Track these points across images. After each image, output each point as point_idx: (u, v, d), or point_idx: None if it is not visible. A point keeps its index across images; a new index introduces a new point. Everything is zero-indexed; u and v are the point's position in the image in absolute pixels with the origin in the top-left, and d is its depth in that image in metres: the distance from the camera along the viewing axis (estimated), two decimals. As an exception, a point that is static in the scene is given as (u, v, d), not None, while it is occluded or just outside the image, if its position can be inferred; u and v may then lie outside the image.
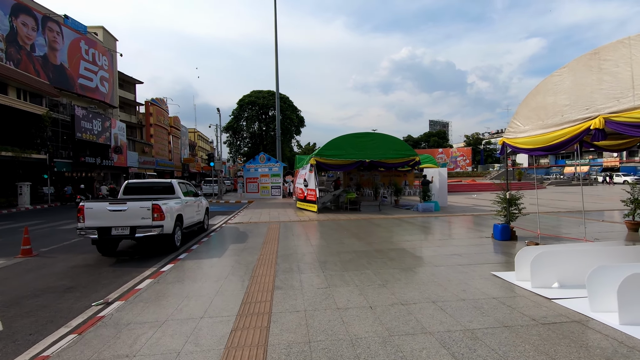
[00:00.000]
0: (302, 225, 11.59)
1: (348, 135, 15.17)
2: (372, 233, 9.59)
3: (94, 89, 35.76)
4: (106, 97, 38.06)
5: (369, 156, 14.98)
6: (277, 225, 11.65)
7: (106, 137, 35.52)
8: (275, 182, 27.34)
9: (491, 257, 6.47)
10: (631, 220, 8.84)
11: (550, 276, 4.67)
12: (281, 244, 8.26)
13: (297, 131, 41.46)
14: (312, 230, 10.47)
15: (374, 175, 31.88)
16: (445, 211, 14.82)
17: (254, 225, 11.83)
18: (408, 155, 15.37)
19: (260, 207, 19.34)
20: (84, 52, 34.26)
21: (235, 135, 40.62)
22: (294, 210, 16.75)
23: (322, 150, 14.82)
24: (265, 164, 27.62)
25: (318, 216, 13.84)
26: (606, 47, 5.56)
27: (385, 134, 15.45)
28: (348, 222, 12.13)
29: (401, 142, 15.55)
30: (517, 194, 8.19)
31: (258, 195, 27.65)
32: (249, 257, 6.87)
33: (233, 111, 40.48)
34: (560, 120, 6.41)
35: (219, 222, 13.26)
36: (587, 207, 15.43)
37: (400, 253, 6.95)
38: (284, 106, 38.03)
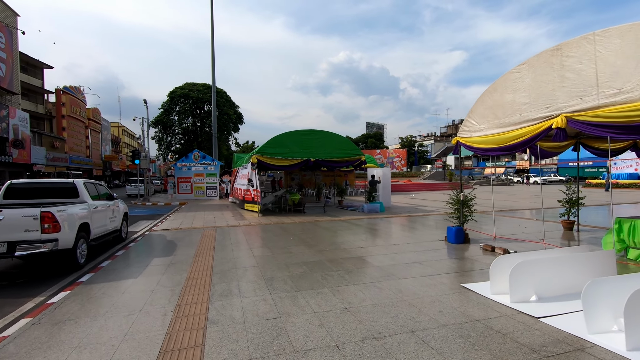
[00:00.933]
0: (242, 230, 10.33)
1: (293, 132, 14.19)
2: (321, 238, 8.73)
3: (-15, 70, 29.88)
4: (2, 81, 32.11)
5: (314, 155, 14.16)
6: (212, 231, 10.23)
7: (2, 129, 29.92)
8: (211, 182, 25.29)
9: (454, 265, 5.98)
10: (567, 220, 9.19)
11: (528, 289, 4.20)
12: (217, 255, 6.98)
13: (235, 128, 39.12)
14: (255, 236, 9.29)
15: (316, 175, 31.38)
16: (390, 212, 14.60)
17: (185, 232, 10.26)
18: (354, 155, 14.88)
19: (194, 209, 17.44)
20: (-29, 25, 28.40)
21: (165, 130, 36.95)
22: (232, 212, 15.28)
23: (264, 148, 13.63)
24: (199, 163, 25.39)
25: (260, 219, 12.63)
26: (569, 44, 5.35)
27: (331, 132, 14.79)
28: (293, 225, 11.14)
29: (347, 141, 15.01)
30: (469, 194, 7.95)
31: (191, 197, 25.32)
32: (176, 277, 5.53)
33: (163, 104, 36.78)
34: (519, 119, 6.17)
35: (142, 229, 11.36)
36: (519, 205, 16.40)
37: (356, 263, 6.16)
38: (220, 101, 35.63)
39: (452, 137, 57.74)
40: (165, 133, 37.03)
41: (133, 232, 10.50)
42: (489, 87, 6.90)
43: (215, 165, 25.29)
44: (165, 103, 36.43)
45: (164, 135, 36.99)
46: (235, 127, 39.05)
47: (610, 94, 4.72)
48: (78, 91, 48.69)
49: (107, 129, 66.78)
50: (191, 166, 25.54)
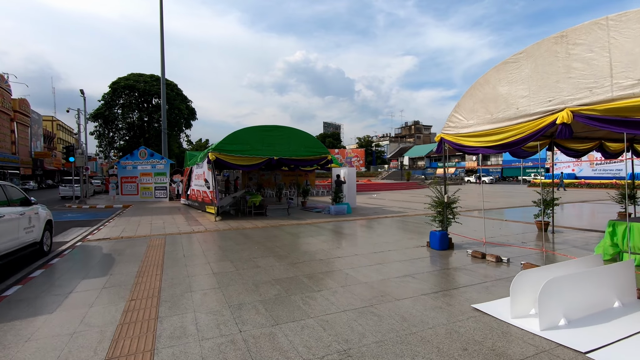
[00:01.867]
0: (197, 238, 8.95)
1: (254, 127, 12.93)
2: (291, 247, 7.67)
3: None
4: None
5: (278, 153, 13.02)
6: (161, 240, 8.74)
7: None
8: (161, 182, 23.05)
9: (449, 278, 5.26)
10: (541, 221, 9.00)
11: (557, 311, 3.52)
12: (167, 273, 5.67)
13: (187, 124, 36.35)
14: (213, 246, 7.99)
15: (275, 175, 30.13)
16: (358, 214, 13.89)
17: (128, 242, 8.66)
18: (320, 153, 13.97)
19: (140, 213, 15.46)
20: None
21: (106, 125, 33.27)
22: (185, 216, 13.65)
23: (222, 145, 12.24)
24: (147, 161, 23.03)
25: (217, 224, 11.24)
26: (577, 30, 4.83)
27: (296, 128, 13.73)
28: (257, 231, 9.95)
29: (313, 139, 14.06)
30: (453, 196, 7.36)
31: (137, 198, 22.89)
32: (110, 309, 4.20)
33: (104, 95, 33.02)
34: (515, 114, 5.62)
35: (73, 238, 9.52)
36: (482, 205, 16.50)
37: (340, 279, 5.22)
38: (171, 94, 32.88)
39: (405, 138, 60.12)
40: (106, 128, 33.33)
41: (61, 244, 8.68)
42: (479, 79, 6.31)
43: (164, 164, 23.08)
44: (106, 95, 32.75)
45: (105, 131, 33.27)
46: (188, 123, 36.28)
47: (628, 85, 4.22)
48: (1, 79, 42.71)
49: (39, 122, 59.64)
50: (137, 164, 23.09)
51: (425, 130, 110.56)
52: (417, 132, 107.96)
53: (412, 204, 18.49)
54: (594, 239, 8.00)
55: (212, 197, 12.66)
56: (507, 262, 5.96)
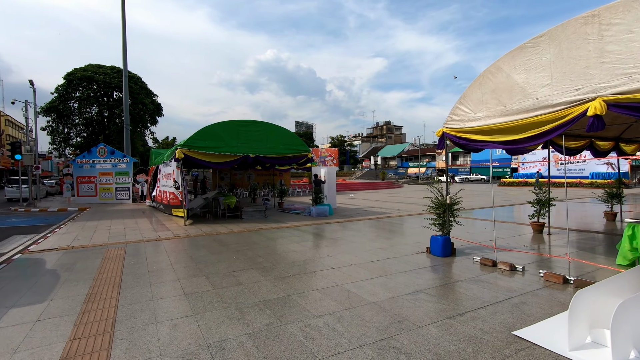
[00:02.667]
0: (164, 247, 7.76)
1: (229, 122, 11.77)
2: (275, 256, 6.71)
3: None
4: None
5: (255, 150, 11.96)
6: (121, 250, 7.48)
7: None
8: (123, 183, 21.17)
9: (468, 293, 4.53)
10: (536, 222, 8.60)
11: (627, 342, 2.84)
12: (126, 296, 4.55)
13: (152, 120, 33.91)
14: (183, 256, 6.87)
15: (248, 175, 28.83)
16: (340, 215, 13.09)
17: (80, 252, 7.33)
18: (300, 151, 13.03)
19: (98, 216, 13.83)
20: None
21: (61, 119, 30.27)
22: (150, 220, 12.25)
23: (192, 141, 11.00)
24: (106, 159, 21.07)
25: (187, 229, 10.04)
26: (612, 8, 4.25)
27: (274, 124, 12.72)
28: (233, 237, 8.88)
29: (292, 135, 13.09)
30: (455, 197, 6.70)
31: (96, 200, 20.90)
32: (41, 355, 3.08)
33: (57, 87, 30.00)
34: (534, 105, 5.00)
35: (11, 249, 8.01)
36: (465, 204, 16.21)
37: (342, 298, 4.35)
38: (134, 87, 30.51)
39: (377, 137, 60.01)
40: (60, 123, 30.35)
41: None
42: (490, 66, 5.66)
43: (127, 163, 21.21)
44: (60, 87, 29.79)
45: (59, 126, 30.28)
46: (153, 119, 33.87)
47: (678, 69, 3.67)
48: (-64, 67, 38.14)
49: (-17, 117, 54.26)
50: (96, 163, 21.07)
51: (396, 130, 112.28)
52: (388, 132, 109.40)
53: (393, 204, 17.98)
54: (594, 241, 7.66)
55: (181, 199, 11.39)
56: (522, 271, 5.35)
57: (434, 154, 77.27)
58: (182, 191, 11.36)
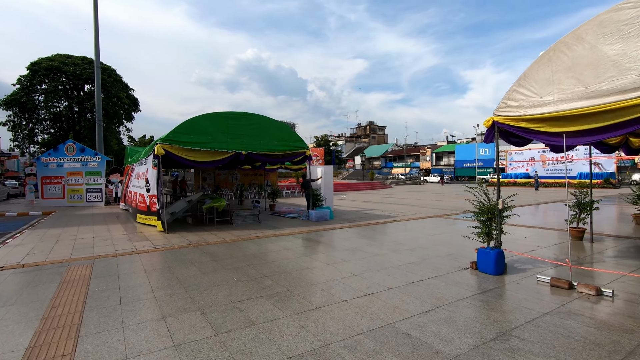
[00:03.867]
0: (143, 264, 6.24)
1: (217, 114, 10.27)
2: (286, 275, 5.34)
3: None
4: None
5: (247, 146, 10.51)
6: (86, 269, 5.92)
7: None
8: (94, 183, 19.13)
9: (570, 334, 3.33)
10: (576, 228, 7.58)
11: None
12: (86, 348, 3.10)
13: (128, 116, 31.42)
14: (167, 278, 5.39)
15: (234, 174, 27.16)
16: (342, 219, 11.82)
17: (31, 273, 5.72)
18: (297, 148, 11.65)
19: (64, 222, 12.00)
20: None
21: (24, 114, 27.44)
22: (124, 227, 10.58)
23: (175, 135, 9.45)
24: (75, 157, 18.99)
25: (170, 238, 8.50)
26: None
27: (269, 117, 11.27)
28: (227, 248, 7.43)
29: (289, 130, 11.69)
30: (508, 200, 5.53)
31: (64, 202, 18.79)
32: None
33: (19, 78, 27.19)
34: (636, 83, 3.89)
35: (-60, 269, 6.28)
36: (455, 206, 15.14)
37: (403, 349, 3.05)
38: (108, 80, 28.10)
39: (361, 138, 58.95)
40: (24, 118, 27.55)
41: None
42: (566, 36, 4.49)
43: (99, 161, 19.19)
44: (23, 77, 27.02)
45: (21, 121, 27.46)
46: (129, 115, 31.39)
47: None
48: None
49: (-62, 112, 49.83)
50: (63, 162, 18.94)
51: (379, 130, 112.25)
52: (372, 132, 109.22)
53: (392, 205, 16.86)
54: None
55: (152, 203, 9.74)
56: (612, 296, 4.22)
57: (418, 154, 77.27)
58: (153, 194, 9.74)
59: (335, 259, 6.42)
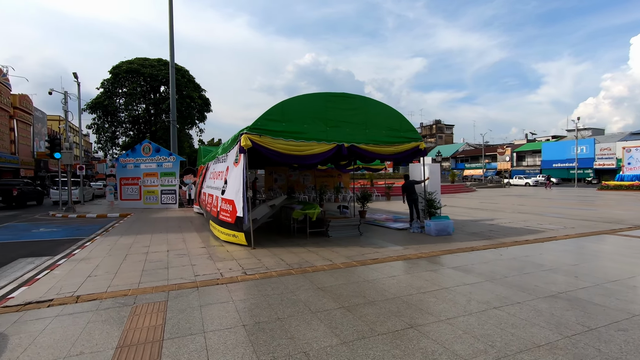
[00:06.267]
0: (233, 305, 4.07)
1: (314, 95, 8.03)
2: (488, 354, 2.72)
3: None
4: None
5: (349, 137, 8.12)
6: (156, 312, 3.88)
7: None
8: (169, 185, 18.36)
9: None
10: None
11: None
12: None
13: (200, 117, 31.52)
14: (277, 342, 3.07)
15: (304, 175, 25.23)
16: (467, 233, 8.89)
17: (84, 315, 3.81)
18: (410, 139, 8.99)
19: (138, 227, 10.75)
20: None
21: (107, 117, 28.55)
22: (201, 238, 8.83)
23: (264, 122, 7.35)
24: (151, 158, 18.40)
25: (258, 257, 6.37)
26: None
27: (374, 99, 8.78)
28: (345, 281, 5.01)
29: (399, 116, 9.04)
30: None
31: (140, 204, 18.29)
32: None
33: (103, 82, 28.32)
34: None
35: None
36: (628, 217, 11.06)
37: None
38: (182, 80, 28.14)
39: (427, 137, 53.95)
40: (106, 121, 28.68)
41: None
42: None
43: (173, 162, 18.39)
44: (106, 81, 28.12)
45: (104, 124, 28.62)
46: (201, 116, 31.38)
47: None
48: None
49: (43, 121, 55.93)
50: (140, 162, 18.49)
51: (447, 129, 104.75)
52: (438, 131, 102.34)
53: (511, 214, 13.35)
54: None
55: (231, 212, 7.66)
56: None
57: (495, 154, 69.58)
58: (233, 199, 7.68)
59: (559, 319, 3.62)
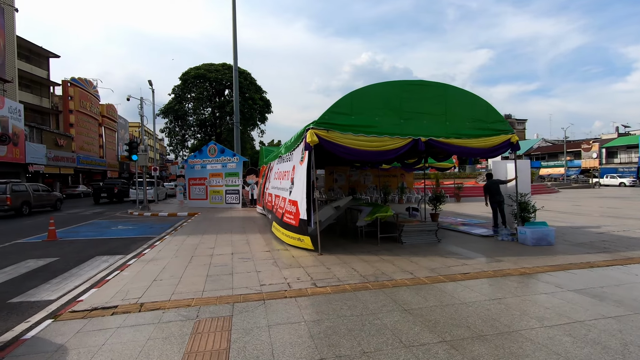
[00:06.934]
0: (305, 327, 3.41)
1: (387, 84, 7.16)
2: None
3: (-36, 50, 24.71)
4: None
5: (426, 131, 7.11)
6: (221, 329, 3.36)
7: (-16, 120, 24.67)
8: (232, 185, 18.70)
9: None
10: None
11: None
12: None
13: (262, 118, 32.32)
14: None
15: (365, 175, 24.23)
16: (573, 244, 7.33)
17: (145, 328, 3.43)
18: (497, 132, 7.68)
19: (204, 227, 10.81)
20: (-54, -6, 23.25)
21: (177, 121, 30.55)
22: (265, 240, 8.46)
23: (332, 116, 6.68)
24: (216, 158, 18.90)
25: (327, 264, 5.70)
26: None
27: (455, 86, 7.64)
28: (437, 304, 4.09)
29: (485, 105, 7.77)
30: None
31: (206, 203, 18.88)
32: None
33: (174, 88, 30.38)
34: None
35: (57, 298, 4.69)
36: None
37: None
38: (244, 83, 29.01)
39: None
40: (177, 125, 30.67)
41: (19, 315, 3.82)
42: None
43: (237, 162, 18.69)
44: (177, 87, 30.05)
45: (175, 127, 30.62)
46: (263, 117, 32.14)
47: None
48: (89, 84, 43.82)
49: (125, 127, 62.26)
50: (206, 163, 19.10)
51: (519, 124, 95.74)
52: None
53: (616, 219, 11.11)
54: None
55: (298, 212, 7.06)
56: None
57: (579, 151, 61.55)
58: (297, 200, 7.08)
59: None
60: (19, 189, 17.37)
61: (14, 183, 17.46)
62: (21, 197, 17.15)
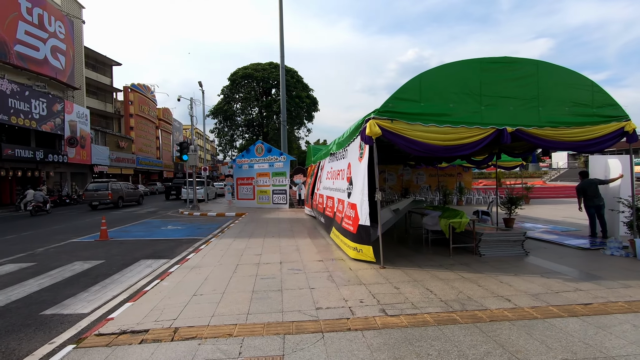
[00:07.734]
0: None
1: (464, 62, 5.92)
2: None
3: (40, 61, 26.89)
4: (61, 74, 29.19)
5: (513, 118, 5.76)
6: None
7: (55, 125, 26.72)
8: (279, 184, 18.18)
9: None
10: None
11: None
12: None
13: (308, 116, 31.79)
14: None
15: (417, 175, 22.51)
16: None
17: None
18: (607, 119, 6.10)
19: (251, 229, 10.24)
20: (24, 11, 25.47)
21: (226, 121, 31.03)
22: (316, 246, 7.59)
23: (394, 103, 5.60)
24: (264, 158, 18.51)
25: (393, 282, 4.64)
26: None
27: (549, 62, 6.20)
28: (569, 356, 2.88)
29: (591, 86, 6.20)
30: None
31: (254, 203, 18.58)
32: None
33: (223, 89, 30.80)
34: None
35: (91, 311, 4.15)
36: None
37: None
38: (291, 81, 28.65)
39: None
40: (226, 125, 31.15)
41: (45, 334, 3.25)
42: None
43: (284, 161, 18.14)
44: (225, 87, 30.50)
45: (224, 127, 31.12)
46: (309, 115, 31.63)
47: None
48: (146, 89, 46.47)
49: (179, 130, 65.50)
50: (253, 163, 18.80)
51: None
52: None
53: None
54: None
55: (357, 217, 6.07)
56: None
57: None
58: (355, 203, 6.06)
59: None
60: (115, 187, 21.03)
61: (112, 182, 21.16)
62: (117, 193, 20.84)
